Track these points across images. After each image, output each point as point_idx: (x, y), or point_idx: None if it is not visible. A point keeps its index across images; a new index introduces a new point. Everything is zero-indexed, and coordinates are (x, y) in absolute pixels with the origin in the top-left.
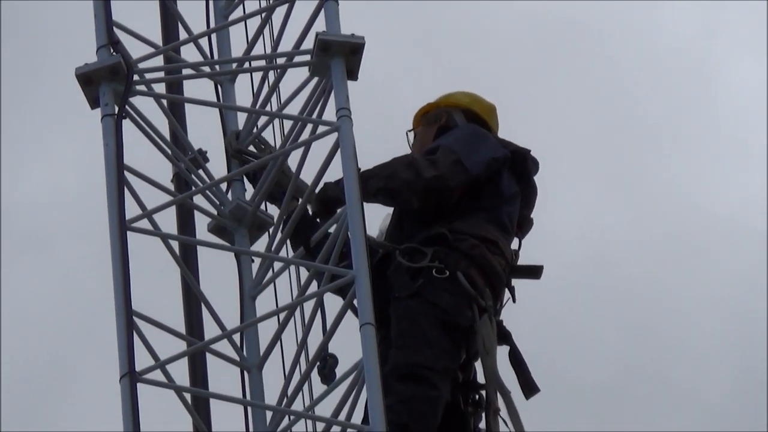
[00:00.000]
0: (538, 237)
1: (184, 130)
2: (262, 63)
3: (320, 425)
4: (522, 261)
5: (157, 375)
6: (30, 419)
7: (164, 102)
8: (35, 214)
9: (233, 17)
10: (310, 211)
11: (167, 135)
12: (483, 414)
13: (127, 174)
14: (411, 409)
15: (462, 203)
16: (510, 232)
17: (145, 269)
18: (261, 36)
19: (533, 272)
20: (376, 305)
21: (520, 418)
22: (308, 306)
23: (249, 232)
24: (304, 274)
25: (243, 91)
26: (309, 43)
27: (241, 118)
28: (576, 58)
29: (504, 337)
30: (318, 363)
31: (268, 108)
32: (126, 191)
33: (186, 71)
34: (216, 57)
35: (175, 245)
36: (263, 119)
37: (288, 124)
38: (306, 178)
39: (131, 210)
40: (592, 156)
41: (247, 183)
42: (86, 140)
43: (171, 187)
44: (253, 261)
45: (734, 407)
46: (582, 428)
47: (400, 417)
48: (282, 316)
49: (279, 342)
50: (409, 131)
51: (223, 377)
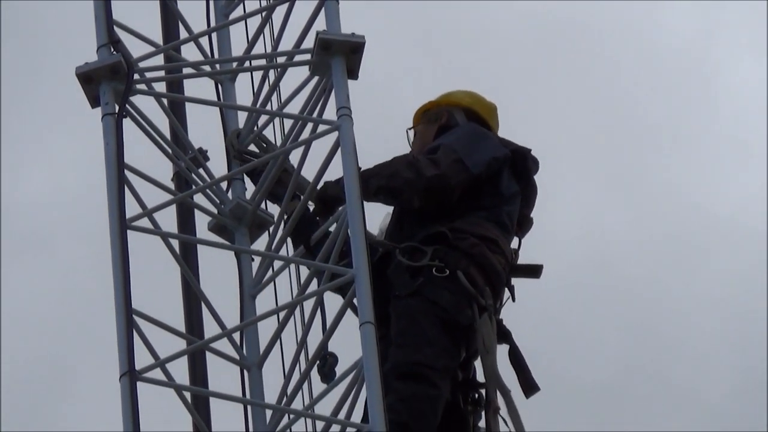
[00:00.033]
0: (538, 237)
1: (185, 129)
2: (263, 62)
3: (320, 424)
4: (522, 260)
5: (157, 374)
6: (30, 419)
7: (164, 101)
8: (35, 214)
9: (234, 16)
10: (311, 210)
11: (167, 134)
12: (483, 413)
13: (128, 173)
14: (411, 408)
15: (462, 202)
16: (510, 231)
17: (146, 268)
18: (261, 35)
19: (533, 271)
20: (376, 304)
21: (520, 417)
22: (308, 305)
23: (249, 231)
24: (304, 273)
25: (243, 90)
26: (309, 42)
27: (242, 117)
28: (576, 58)
29: (504, 336)
30: (318, 362)
31: (269, 107)
32: (126, 190)
33: (186, 70)
34: (216, 56)
35: (176, 244)
36: (264, 118)
37: (288, 123)
38: (306, 177)
39: (131, 209)
40: (592, 156)
41: (248, 182)
42: (86, 140)
43: (171, 186)
44: (253, 260)
45: (734, 407)
46: (582, 428)
47: (400, 416)
48: (282, 315)
49: (279, 341)
50: (409, 129)
51: (223, 376)
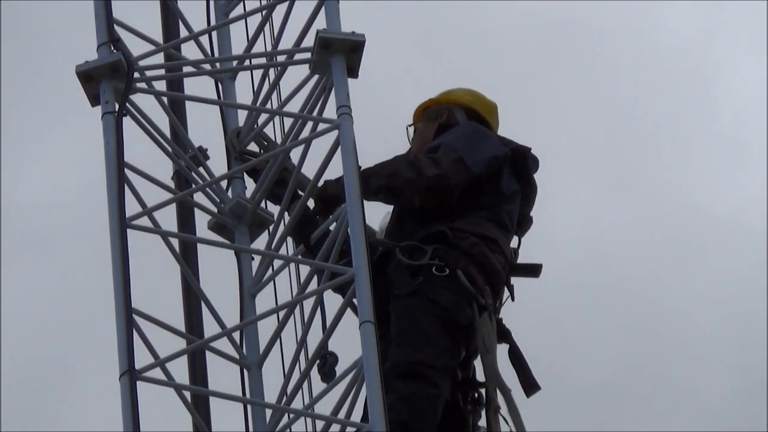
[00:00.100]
0: (538, 237)
1: (185, 128)
2: (263, 61)
3: (320, 423)
4: (522, 260)
5: (157, 373)
6: (30, 419)
7: (165, 99)
8: (35, 214)
9: (234, 15)
10: (311, 209)
11: (168, 132)
12: (482, 412)
13: (128, 171)
14: (411, 407)
15: (462, 202)
16: (510, 231)
17: (145, 267)
18: (261, 34)
19: (533, 271)
20: (376, 303)
21: (521, 416)
22: (308, 304)
23: (249, 230)
24: (304, 272)
25: (243, 89)
26: (309, 41)
27: (242, 116)
28: (576, 58)
29: (504, 336)
30: (318, 361)
31: (269, 106)
32: (126, 189)
33: (186, 69)
34: (216, 54)
35: (175, 243)
36: (264, 117)
37: (288, 122)
38: (306, 176)
39: (131, 207)
40: (592, 156)
41: (248, 181)
42: (86, 140)
43: (171, 185)
44: (253, 259)
45: (734, 407)
46: (582, 428)
47: (400, 415)
48: (282, 314)
49: (279, 340)
50: (409, 126)
51: (223, 375)
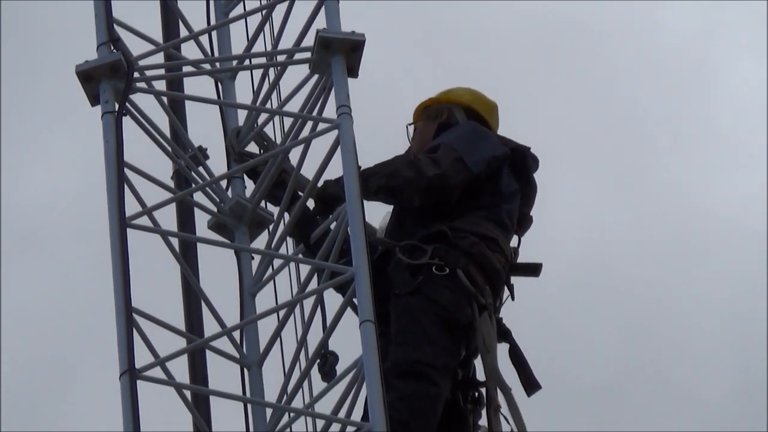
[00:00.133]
0: (538, 237)
1: (185, 128)
2: (263, 60)
3: (320, 423)
4: (521, 260)
5: (157, 372)
6: (30, 419)
7: (164, 99)
8: (35, 214)
9: (233, 15)
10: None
11: (167, 132)
12: (482, 411)
13: (127, 171)
14: (411, 406)
15: (462, 201)
16: (509, 230)
17: (145, 266)
18: (261, 33)
19: (532, 270)
20: (376, 302)
21: (521, 415)
22: (308, 303)
23: (249, 230)
24: (304, 271)
25: (243, 89)
26: (309, 41)
27: (242, 116)
28: (576, 58)
29: (504, 335)
30: (318, 360)
31: (269, 105)
32: (126, 188)
33: (186, 68)
34: (216, 54)
35: (175, 242)
36: (263, 116)
37: (288, 122)
38: (306, 175)
39: (131, 207)
40: (592, 156)
41: (247, 180)
42: (86, 140)
43: (171, 184)
44: (253, 258)
45: (734, 407)
46: (582, 428)
47: (400, 414)
48: (282, 313)
49: (279, 339)
50: (409, 125)
51: (223, 374)
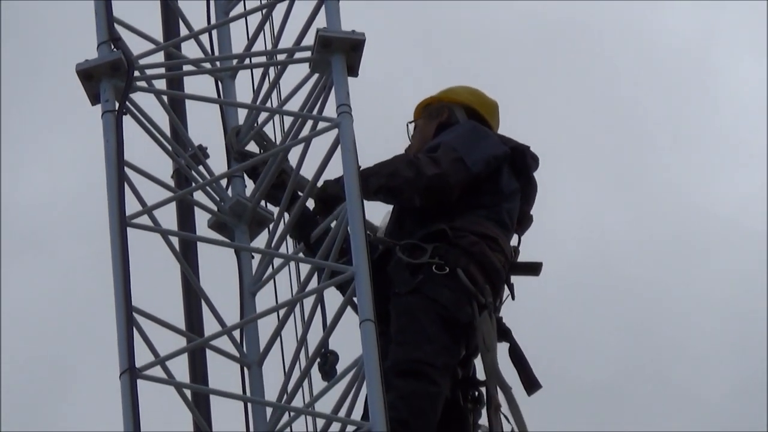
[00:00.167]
0: (538, 237)
1: (185, 127)
2: (263, 59)
3: (320, 422)
4: (522, 259)
5: (157, 371)
6: (30, 419)
7: (165, 98)
8: (35, 214)
9: (234, 14)
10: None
11: (167, 131)
12: (482, 410)
13: (128, 170)
14: (411, 405)
15: (462, 201)
16: (510, 229)
17: (145, 265)
18: (261, 32)
19: (533, 269)
20: (376, 301)
21: (522, 414)
22: (308, 302)
23: (249, 229)
24: (305, 270)
25: (243, 88)
26: (309, 40)
27: (242, 115)
28: (576, 58)
29: (504, 334)
30: (319, 359)
31: (269, 104)
32: (126, 187)
33: (186, 67)
34: (216, 53)
35: (175, 241)
36: (264, 116)
37: (288, 121)
38: (306, 175)
39: (131, 206)
40: (592, 156)
41: (247, 179)
42: (86, 139)
43: (171, 183)
44: (253, 257)
45: (734, 407)
46: (582, 428)
47: (400, 413)
48: (282, 313)
49: (279, 338)
50: (410, 123)
51: (223, 373)
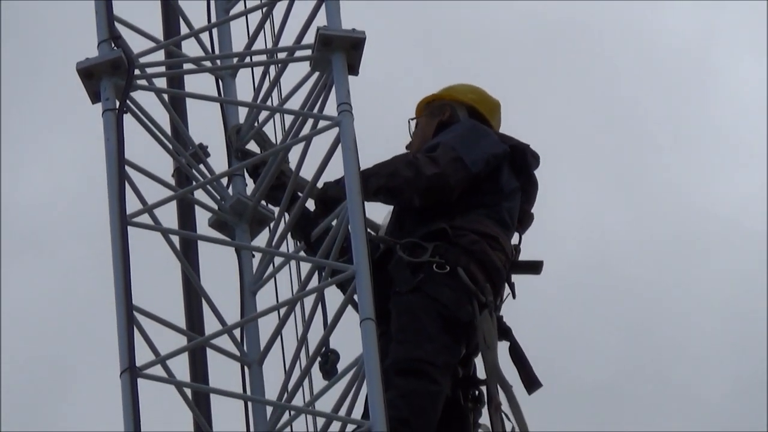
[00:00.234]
0: (539, 237)
1: (185, 125)
2: (263, 58)
3: (321, 421)
4: (522, 258)
5: (158, 370)
6: (30, 419)
7: (165, 97)
8: (35, 215)
9: (234, 12)
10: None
11: (168, 130)
12: (483, 409)
13: (128, 169)
14: (411, 404)
15: (462, 200)
16: (510, 228)
17: (146, 264)
18: (262, 31)
19: (533, 268)
20: (377, 300)
21: (522, 413)
22: (309, 301)
23: (250, 227)
24: (305, 269)
25: (244, 86)
26: (310, 38)
27: (242, 113)
28: (576, 58)
29: (504, 333)
30: (319, 358)
31: (269, 103)
32: (127, 186)
33: (187, 66)
34: (217, 52)
35: (176, 240)
36: (264, 114)
37: (289, 119)
38: (307, 173)
39: (132, 205)
40: (592, 156)
41: (248, 178)
42: (86, 140)
43: (172, 182)
44: (254, 256)
45: (734, 407)
46: (582, 428)
47: (401, 412)
48: (282, 311)
49: (279, 337)
50: (411, 119)
51: (224, 372)
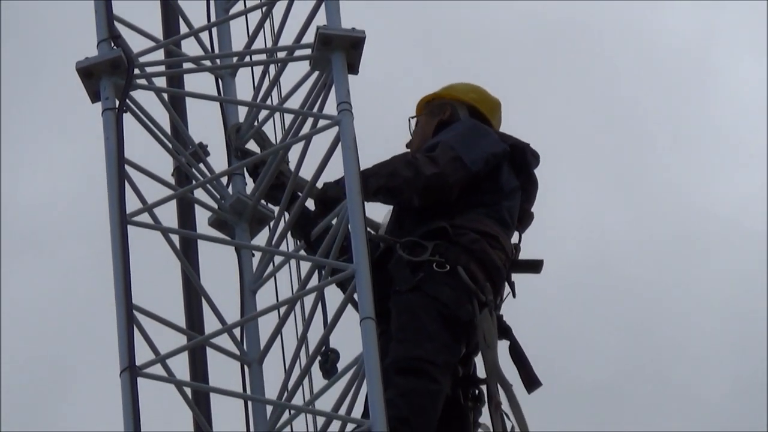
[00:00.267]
0: (538, 237)
1: (185, 124)
2: (263, 57)
3: (321, 420)
4: (522, 257)
5: (158, 369)
6: (30, 419)
7: (165, 96)
8: (35, 215)
9: (234, 11)
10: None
11: (168, 129)
12: (483, 408)
13: (128, 168)
14: (411, 403)
15: (462, 199)
16: (510, 227)
17: (146, 263)
18: (261, 30)
19: (533, 266)
20: (377, 299)
21: (523, 412)
22: (309, 300)
23: (249, 226)
24: (305, 268)
25: (244, 85)
26: (310, 38)
27: (242, 112)
28: (576, 58)
29: (504, 332)
30: (319, 358)
31: (269, 102)
32: (126, 185)
33: (187, 65)
34: (216, 51)
35: (176, 239)
36: (264, 113)
37: (289, 118)
38: (306, 172)
39: (132, 204)
40: (592, 156)
41: (248, 177)
42: (86, 139)
43: (171, 181)
44: (254, 255)
45: (734, 407)
46: (582, 428)
47: (401, 411)
48: (282, 310)
49: (279, 336)
50: (411, 118)
51: (224, 372)
